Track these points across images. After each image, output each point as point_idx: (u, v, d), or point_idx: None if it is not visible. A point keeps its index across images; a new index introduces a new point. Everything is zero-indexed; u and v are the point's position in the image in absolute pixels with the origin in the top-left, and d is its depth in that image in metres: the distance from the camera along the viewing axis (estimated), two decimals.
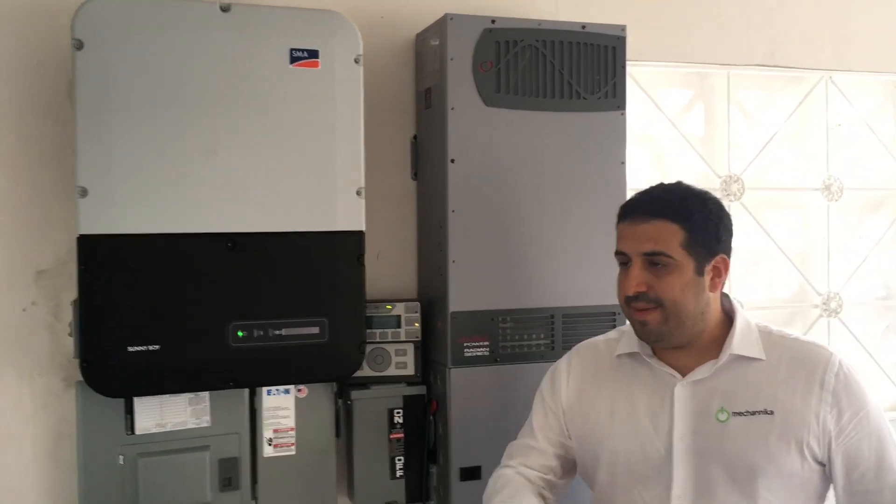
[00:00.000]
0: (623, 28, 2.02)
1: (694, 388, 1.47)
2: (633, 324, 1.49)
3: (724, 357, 1.46)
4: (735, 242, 1.51)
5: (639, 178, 2.22)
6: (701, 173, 2.51)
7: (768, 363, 1.46)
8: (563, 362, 1.64)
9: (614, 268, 1.99)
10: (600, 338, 1.64)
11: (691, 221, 1.43)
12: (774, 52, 2.51)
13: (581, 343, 1.66)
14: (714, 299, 1.48)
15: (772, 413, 1.42)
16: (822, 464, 1.44)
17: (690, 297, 1.43)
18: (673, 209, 1.44)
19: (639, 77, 2.42)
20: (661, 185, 1.51)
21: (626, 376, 1.54)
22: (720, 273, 1.47)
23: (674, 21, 2.40)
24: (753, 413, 1.43)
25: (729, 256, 1.48)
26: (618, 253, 1.49)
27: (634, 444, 1.48)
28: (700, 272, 1.44)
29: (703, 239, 1.44)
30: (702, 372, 1.47)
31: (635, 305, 1.45)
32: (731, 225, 1.49)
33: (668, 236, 1.42)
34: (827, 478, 1.45)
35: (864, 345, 2.69)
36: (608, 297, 2.00)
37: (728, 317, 1.51)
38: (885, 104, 2.74)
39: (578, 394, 1.57)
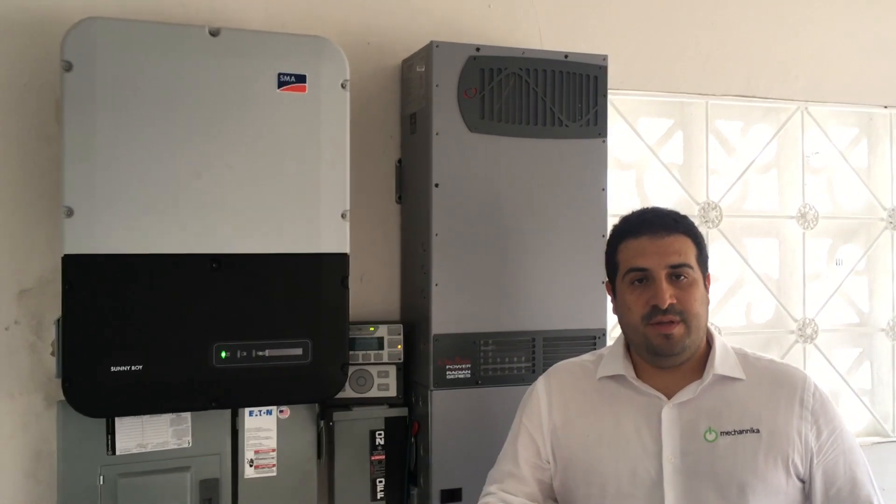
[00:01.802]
0: (605, 58, 2.06)
1: (680, 409, 1.48)
2: (651, 339, 1.46)
3: (708, 377, 1.48)
4: (713, 268, 1.55)
5: (619, 204, 2.25)
6: (680, 200, 2.55)
7: (749, 383, 1.49)
8: (540, 386, 1.61)
9: (595, 291, 2.02)
10: (574, 360, 1.63)
11: (698, 237, 1.52)
12: (752, 82, 2.57)
13: (554, 366, 1.64)
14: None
15: (758, 431, 1.45)
16: (803, 481, 1.47)
17: (703, 311, 1.49)
18: (685, 225, 1.51)
19: (620, 105, 2.46)
20: (657, 207, 1.57)
21: (610, 399, 1.53)
22: (707, 290, 1.52)
23: (654, 52, 2.45)
24: (741, 432, 1.46)
25: None
26: (635, 269, 1.48)
27: (625, 466, 1.48)
28: (706, 287, 1.51)
29: (705, 255, 1.52)
30: (687, 393, 1.48)
31: (660, 319, 1.44)
32: None
33: (688, 250, 1.48)
34: (805, 494, 1.48)
35: (838, 370, 2.73)
36: (588, 320, 2.03)
37: (706, 339, 1.54)
38: (859, 135, 2.80)
39: (562, 417, 1.56)
